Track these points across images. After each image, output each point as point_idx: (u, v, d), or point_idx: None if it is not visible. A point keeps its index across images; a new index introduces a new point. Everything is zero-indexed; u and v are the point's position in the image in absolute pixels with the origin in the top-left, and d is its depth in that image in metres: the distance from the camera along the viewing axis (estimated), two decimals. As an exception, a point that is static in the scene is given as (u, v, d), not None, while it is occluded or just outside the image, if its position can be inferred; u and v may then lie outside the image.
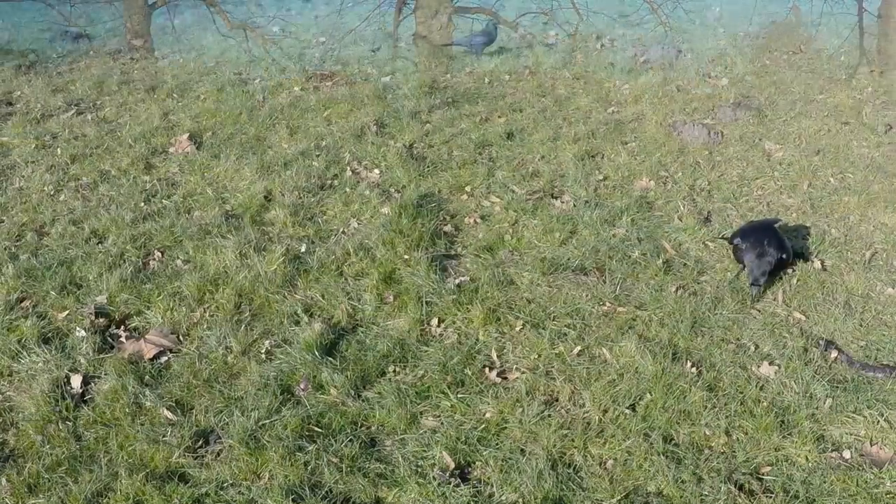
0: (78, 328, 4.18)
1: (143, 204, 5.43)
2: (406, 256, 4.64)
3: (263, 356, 3.98)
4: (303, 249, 4.78)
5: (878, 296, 4.32)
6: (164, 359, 4.04)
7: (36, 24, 10.09)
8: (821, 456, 3.32)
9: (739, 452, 3.35)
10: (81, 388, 3.86)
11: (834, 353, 3.88)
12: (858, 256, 4.64)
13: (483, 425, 3.51)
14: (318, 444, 3.44)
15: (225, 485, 3.27)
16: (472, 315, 4.16)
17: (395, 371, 3.86)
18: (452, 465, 3.33)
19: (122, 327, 4.26)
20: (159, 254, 4.85)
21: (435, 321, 4.17)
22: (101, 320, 4.27)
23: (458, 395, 3.66)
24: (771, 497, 3.14)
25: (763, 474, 3.26)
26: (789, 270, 4.51)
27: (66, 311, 4.31)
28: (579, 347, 3.94)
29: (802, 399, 3.60)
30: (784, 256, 4.35)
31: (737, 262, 4.51)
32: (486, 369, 3.84)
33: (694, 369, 3.77)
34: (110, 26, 10.00)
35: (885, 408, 3.54)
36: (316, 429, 3.53)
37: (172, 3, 11.06)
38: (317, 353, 3.91)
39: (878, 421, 3.46)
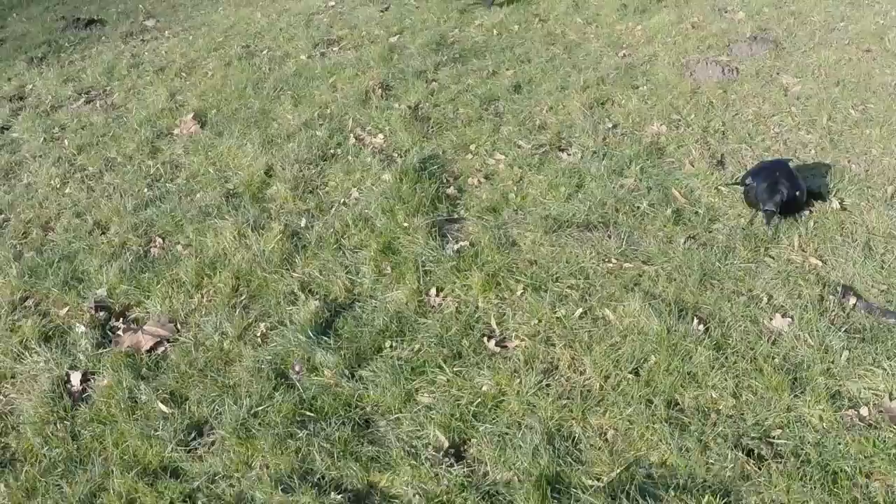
0: (78, 324, 4.14)
1: (146, 189, 5.35)
2: (405, 224, 4.48)
3: (259, 340, 3.90)
4: (302, 224, 4.66)
5: (901, 234, 4.05)
6: (161, 349, 3.98)
7: (49, 14, 10.03)
8: (836, 415, 3.11)
9: (748, 415, 3.16)
10: (81, 385, 3.84)
11: (852, 300, 3.63)
12: (880, 193, 4.35)
13: (479, 399, 3.38)
14: (309, 429, 3.34)
15: (216, 477, 3.22)
16: (471, 282, 4.00)
17: (391, 346, 3.73)
18: (447, 444, 3.22)
19: (122, 319, 4.21)
20: (160, 240, 4.77)
21: (434, 291, 4.03)
22: (101, 314, 4.22)
23: (455, 369, 3.53)
24: (781, 462, 2.96)
25: (773, 438, 3.07)
26: (805, 212, 4.25)
27: (67, 307, 4.28)
28: (581, 310, 3.76)
29: (817, 353, 3.38)
30: (797, 193, 4.10)
31: (749, 206, 4.27)
32: (485, 339, 3.70)
33: (701, 326, 3.57)
34: (122, 8, 9.89)
35: (907, 358, 3.31)
36: (308, 413, 3.44)
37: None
38: (311, 333, 3.80)
39: (899, 372, 3.23)
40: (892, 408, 3.13)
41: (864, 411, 3.13)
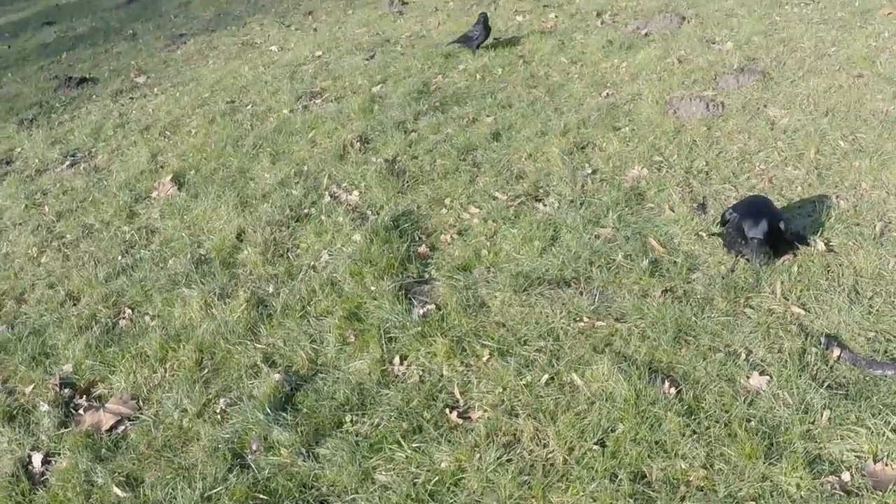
0: (42, 402, 4.02)
1: (120, 257, 5.24)
2: (373, 288, 4.31)
3: (218, 417, 3.74)
4: (270, 290, 4.51)
5: (890, 275, 3.82)
6: (122, 428, 3.84)
7: (42, 74, 10.07)
8: (815, 482, 2.90)
9: (720, 486, 2.95)
10: (42, 466, 3.71)
11: (836, 351, 3.41)
12: (869, 230, 4.13)
13: (437, 477, 3.20)
14: (261, 515, 3.17)
15: (163, 572, 3.04)
16: (435, 349, 3.82)
17: (351, 421, 3.56)
18: (402, 529, 3.03)
19: (86, 396, 4.08)
20: (129, 311, 4.65)
21: (397, 359, 3.85)
22: (66, 391, 4.11)
23: (414, 444, 3.35)
24: (754, 538, 2.74)
25: (747, 511, 2.85)
26: (788, 255, 4.04)
27: (33, 384, 4.16)
28: (548, 375, 3.56)
29: (796, 414, 3.16)
30: (781, 224, 3.90)
31: (728, 250, 4.08)
32: (448, 410, 3.51)
33: (673, 389, 3.36)
34: (115, 66, 9.90)
35: (893, 414, 3.08)
36: (261, 496, 3.27)
37: (177, 34, 10.96)
38: (269, 410, 3.64)
39: (884, 432, 3.01)
40: (877, 471, 2.90)
41: (845, 477, 2.91)
